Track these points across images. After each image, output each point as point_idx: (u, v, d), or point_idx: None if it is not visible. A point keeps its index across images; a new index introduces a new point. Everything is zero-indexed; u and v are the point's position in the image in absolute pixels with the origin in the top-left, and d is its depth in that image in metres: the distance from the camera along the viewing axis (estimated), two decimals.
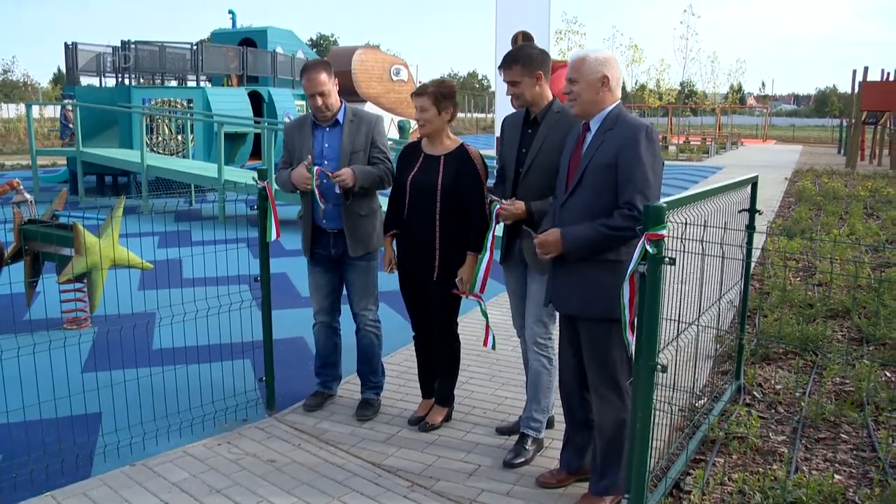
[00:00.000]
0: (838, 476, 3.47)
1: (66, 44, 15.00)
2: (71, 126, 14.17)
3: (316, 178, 3.81)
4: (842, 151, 29.63)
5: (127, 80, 15.49)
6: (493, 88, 13.38)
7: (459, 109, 4.04)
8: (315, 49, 50.69)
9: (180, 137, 14.74)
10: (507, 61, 3.40)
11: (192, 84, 16.10)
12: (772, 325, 5.68)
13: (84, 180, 13.55)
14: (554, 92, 3.52)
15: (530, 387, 3.66)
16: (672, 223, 2.75)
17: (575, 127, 3.20)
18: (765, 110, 55.48)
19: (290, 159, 4.09)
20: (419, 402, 4.18)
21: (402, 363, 4.98)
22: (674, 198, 2.82)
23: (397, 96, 23.73)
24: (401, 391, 4.51)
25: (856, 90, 24.92)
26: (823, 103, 78.23)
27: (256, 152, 16.18)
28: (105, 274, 5.58)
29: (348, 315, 4.20)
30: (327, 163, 3.95)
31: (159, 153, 14.25)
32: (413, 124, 11.65)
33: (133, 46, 15.26)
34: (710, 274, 3.68)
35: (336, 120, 4.00)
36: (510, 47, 3.65)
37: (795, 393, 4.51)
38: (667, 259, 2.56)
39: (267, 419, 4.12)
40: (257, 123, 14.14)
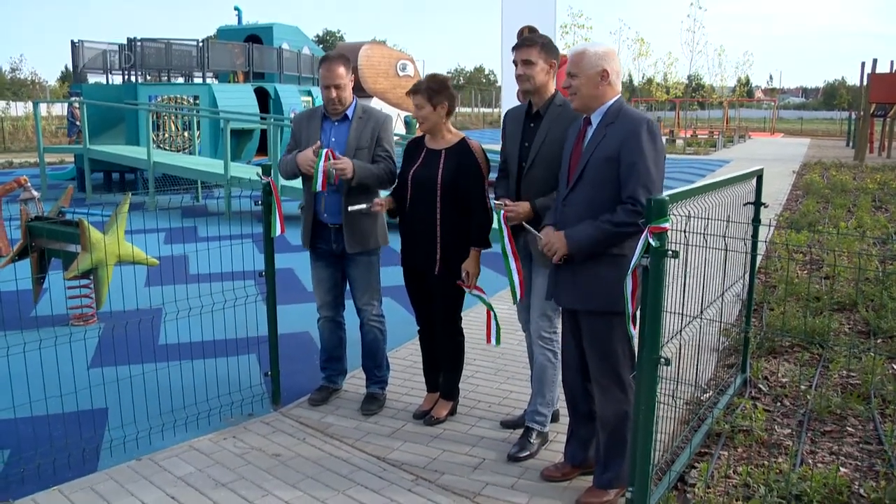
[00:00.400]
0: (844, 469, 3.46)
1: (73, 42, 15.07)
2: (78, 123, 14.22)
3: (325, 160, 3.81)
4: (850, 144, 29.45)
5: (133, 78, 15.54)
6: (500, 83, 13.34)
7: (466, 104, 4.05)
8: (321, 45, 50.67)
9: (187, 134, 14.78)
10: (529, 41, 3.40)
11: (199, 81, 16.13)
12: (778, 318, 5.66)
13: (91, 177, 13.60)
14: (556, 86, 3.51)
15: (535, 380, 3.66)
16: (676, 216, 2.75)
17: (575, 121, 3.19)
18: (773, 103, 55.14)
19: (296, 148, 4.09)
20: (424, 396, 4.19)
21: (407, 357, 4.99)
22: (677, 191, 2.81)
23: (403, 91, 23.69)
24: (406, 385, 4.52)
25: (864, 83, 24.76)
26: (832, 96, 77.66)
27: (263, 148, 16.22)
28: (111, 270, 5.60)
29: (353, 310, 4.21)
30: None
31: (166, 150, 14.30)
32: None
33: (139, 44, 15.30)
34: (716, 267, 3.67)
35: (346, 115, 4.02)
36: (516, 41, 3.67)
37: (801, 386, 4.50)
38: (670, 252, 2.55)
39: (272, 413, 4.14)
40: (263, 120, 14.17)
